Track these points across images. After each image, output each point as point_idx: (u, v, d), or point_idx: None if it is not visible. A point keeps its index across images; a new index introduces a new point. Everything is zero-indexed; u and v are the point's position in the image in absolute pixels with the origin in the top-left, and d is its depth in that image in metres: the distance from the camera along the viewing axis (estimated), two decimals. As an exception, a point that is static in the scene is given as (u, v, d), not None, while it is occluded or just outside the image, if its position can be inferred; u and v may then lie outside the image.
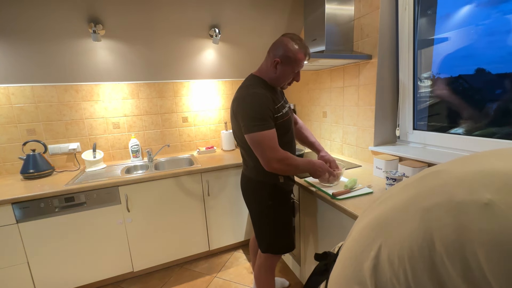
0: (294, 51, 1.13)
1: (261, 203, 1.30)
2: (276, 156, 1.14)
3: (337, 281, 0.39)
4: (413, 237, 0.28)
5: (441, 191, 0.29)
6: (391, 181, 1.22)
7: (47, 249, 1.62)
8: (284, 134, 1.24)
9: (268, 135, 1.12)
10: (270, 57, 1.19)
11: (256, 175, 1.29)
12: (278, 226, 1.32)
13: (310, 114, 2.40)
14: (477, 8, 1.25)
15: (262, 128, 1.11)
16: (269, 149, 1.12)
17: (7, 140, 1.95)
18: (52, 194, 1.57)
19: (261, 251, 1.38)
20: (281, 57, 1.15)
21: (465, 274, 0.23)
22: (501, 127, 1.24)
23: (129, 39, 1.96)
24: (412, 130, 1.64)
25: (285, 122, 1.22)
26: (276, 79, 1.21)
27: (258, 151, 1.14)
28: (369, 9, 1.59)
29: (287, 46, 1.14)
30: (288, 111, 1.27)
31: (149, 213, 1.85)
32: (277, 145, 1.15)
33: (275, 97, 1.21)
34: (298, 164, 1.20)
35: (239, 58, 2.39)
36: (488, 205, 0.24)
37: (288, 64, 1.16)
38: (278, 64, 1.16)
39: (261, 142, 1.12)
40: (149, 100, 2.30)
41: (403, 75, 1.62)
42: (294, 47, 1.14)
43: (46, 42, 1.79)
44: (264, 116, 1.12)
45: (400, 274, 0.28)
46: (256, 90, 1.16)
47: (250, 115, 1.12)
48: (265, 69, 1.22)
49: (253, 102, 1.13)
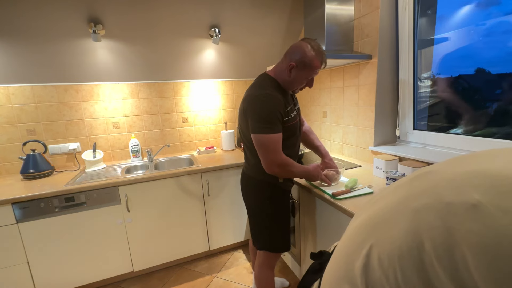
0: (310, 57, 1.12)
1: (259, 201, 1.32)
2: (278, 160, 1.16)
3: (329, 279, 0.39)
4: (403, 237, 0.28)
5: (431, 192, 0.29)
6: (391, 181, 1.22)
7: (47, 249, 1.62)
8: (289, 137, 1.24)
9: (274, 139, 1.13)
10: (286, 60, 1.18)
11: (256, 173, 1.30)
12: (275, 225, 1.33)
13: (310, 114, 2.40)
14: (477, 8, 1.25)
15: (269, 131, 1.12)
16: (272, 152, 1.14)
17: (7, 140, 1.95)
18: (52, 194, 1.57)
19: (257, 248, 1.40)
20: (297, 61, 1.14)
21: (453, 275, 0.23)
22: (501, 127, 1.24)
23: (129, 39, 1.96)
24: (412, 130, 1.64)
25: (292, 126, 1.23)
26: (289, 83, 1.20)
27: (262, 152, 1.16)
28: (369, 9, 1.59)
29: (304, 51, 1.13)
30: (296, 115, 1.28)
31: (149, 213, 1.85)
32: (280, 149, 1.17)
33: (286, 100, 1.21)
34: (295, 172, 1.26)
35: (239, 58, 2.39)
36: (476, 206, 0.24)
37: (303, 70, 1.15)
38: (293, 69, 1.15)
39: (266, 144, 1.14)
40: (149, 100, 2.30)
41: (403, 75, 1.62)
42: (311, 53, 1.12)
43: (46, 42, 1.79)
44: (273, 119, 1.12)
45: (390, 274, 0.28)
46: (268, 91, 1.15)
47: (260, 116, 1.12)
48: (280, 71, 1.21)
49: (265, 103, 1.12)
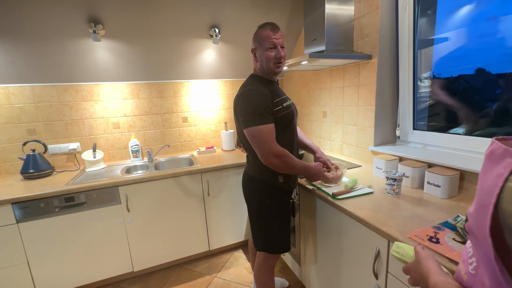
0: (258, 32, 1.22)
1: (259, 201, 1.31)
2: (274, 150, 1.15)
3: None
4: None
5: None
6: (391, 181, 1.22)
7: (47, 249, 1.62)
8: (284, 128, 1.24)
9: (264, 129, 1.14)
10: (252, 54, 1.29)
11: (256, 172, 1.30)
12: (274, 225, 1.32)
13: (310, 114, 2.40)
14: (477, 8, 1.25)
15: (259, 123, 1.14)
16: (266, 142, 1.14)
17: (7, 140, 1.95)
18: (52, 194, 1.57)
19: (257, 249, 1.39)
20: (254, 44, 1.25)
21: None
22: (501, 127, 1.24)
23: (129, 39, 1.96)
24: (412, 130, 1.64)
25: (284, 117, 1.23)
26: (262, 68, 1.25)
27: (256, 145, 1.17)
28: (369, 9, 1.59)
29: (254, 34, 1.24)
30: (290, 105, 1.28)
31: (149, 213, 1.85)
32: (274, 139, 1.16)
33: (274, 91, 1.24)
34: (295, 165, 1.22)
35: (239, 58, 2.39)
36: None
37: (259, 46, 1.21)
38: (255, 52, 1.25)
39: (257, 135, 1.15)
40: (149, 100, 2.30)
41: (403, 75, 1.62)
42: (257, 30, 1.23)
43: (46, 42, 1.79)
44: (261, 110, 1.15)
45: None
46: (251, 87, 1.21)
47: (247, 111, 1.16)
48: (256, 66, 1.29)
49: (249, 98, 1.17)
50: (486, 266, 0.38)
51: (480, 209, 0.37)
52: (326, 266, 1.40)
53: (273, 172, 1.24)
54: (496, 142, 0.38)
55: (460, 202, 1.13)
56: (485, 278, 0.38)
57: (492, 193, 0.34)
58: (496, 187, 0.34)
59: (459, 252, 0.75)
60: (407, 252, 0.65)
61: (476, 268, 0.41)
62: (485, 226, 0.35)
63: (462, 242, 0.80)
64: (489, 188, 0.35)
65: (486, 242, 0.36)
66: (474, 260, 0.42)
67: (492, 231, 0.34)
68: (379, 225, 0.96)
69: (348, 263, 1.21)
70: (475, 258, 0.42)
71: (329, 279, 1.39)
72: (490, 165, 0.38)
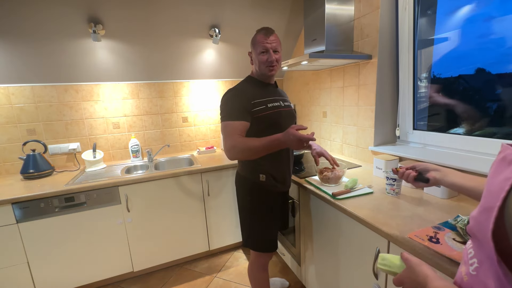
0: (254, 36, 1.27)
1: (241, 197, 1.37)
2: (228, 143, 1.15)
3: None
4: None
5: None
6: (391, 181, 1.22)
7: (47, 249, 1.62)
8: (269, 128, 1.19)
9: (230, 124, 1.17)
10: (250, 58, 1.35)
11: (240, 169, 1.36)
12: (255, 223, 1.33)
13: (310, 114, 2.40)
14: (477, 8, 1.25)
15: (227, 119, 1.19)
16: (228, 136, 1.16)
17: (7, 140, 1.95)
18: (52, 194, 1.57)
19: (242, 244, 1.41)
20: (250, 47, 1.31)
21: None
22: (501, 127, 1.24)
23: (129, 39, 1.96)
24: (412, 130, 1.64)
25: (267, 116, 1.21)
26: (256, 70, 1.29)
27: (223, 139, 1.22)
28: (369, 9, 1.59)
29: (251, 39, 1.29)
30: (276, 106, 1.25)
31: (149, 213, 1.85)
32: (235, 133, 1.15)
33: (260, 92, 1.25)
34: (255, 146, 1.10)
35: (239, 58, 2.39)
36: None
37: (254, 50, 1.27)
38: (251, 55, 1.32)
39: (223, 130, 1.20)
40: (149, 100, 2.30)
41: (403, 75, 1.62)
42: (254, 35, 1.27)
43: (46, 42, 1.79)
44: (232, 108, 1.19)
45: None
46: (236, 86, 1.28)
47: (221, 108, 1.25)
48: (251, 67, 1.35)
49: (227, 96, 1.24)
50: (489, 268, 0.38)
51: (484, 212, 0.37)
52: (326, 266, 1.40)
53: (254, 169, 1.27)
54: (509, 147, 0.38)
55: (460, 202, 1.13)
56: (489, 280, 0.38)
57: (498, 196, 0.34)
58: (502, 191, 0.34)
59: (459, 252, 0.75)
60: (393, 263, 0.61)
61: (477, 269, 0.41)
62: (487, 229, 0.35)
63: (462, 242, 0.80)
64: (496, 192, 0.35)
65: (488, 245, 0.35)
66: (475, 261, 0.42)
67: (494, 234, 0.34)
68: (379, 225, 0.96)
69: (348, 263, 1.21)
70: (477, 259, 0.41)
71: (329, 279, 1.39)
72: (500, 170, 0.37)
